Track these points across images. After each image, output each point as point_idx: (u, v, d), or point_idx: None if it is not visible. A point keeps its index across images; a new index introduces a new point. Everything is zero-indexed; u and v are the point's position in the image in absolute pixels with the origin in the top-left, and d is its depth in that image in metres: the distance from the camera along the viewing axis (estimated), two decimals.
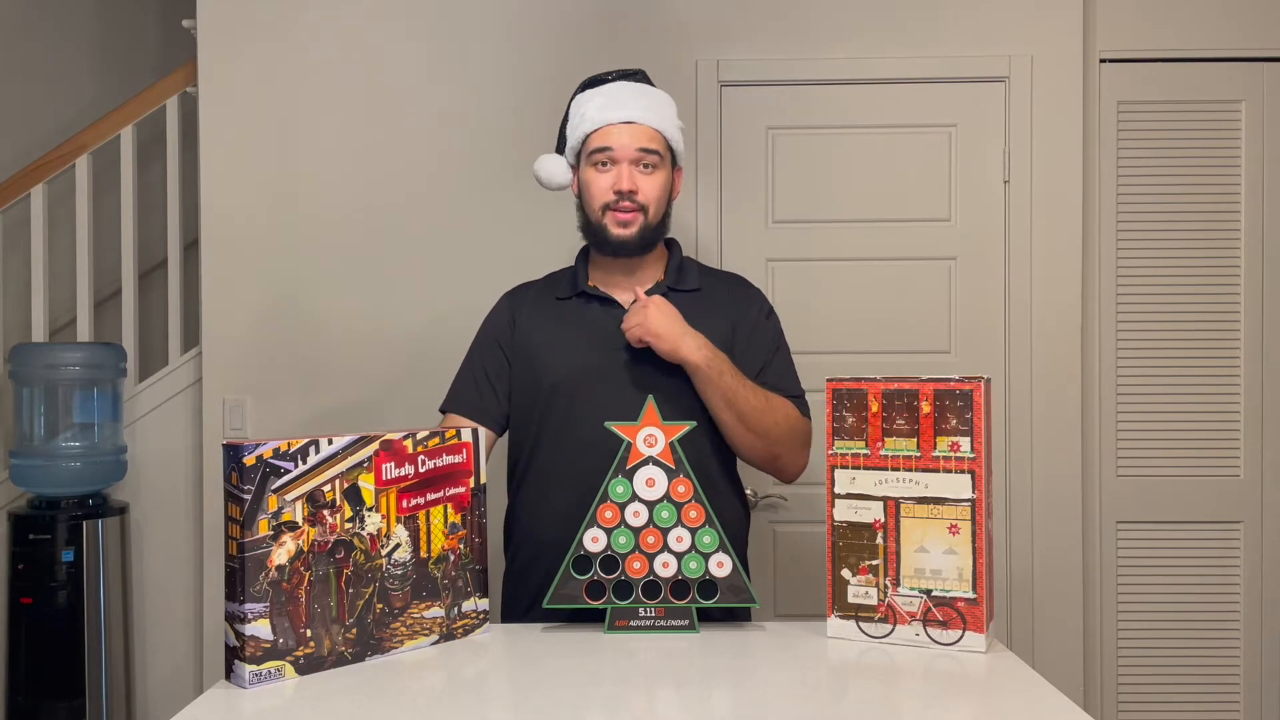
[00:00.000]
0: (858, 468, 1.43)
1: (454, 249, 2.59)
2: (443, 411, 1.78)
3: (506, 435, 1.79)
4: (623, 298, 1.74)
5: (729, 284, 1.84)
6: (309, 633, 1.29)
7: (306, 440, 1.29)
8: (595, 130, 1.69)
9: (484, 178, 2.59)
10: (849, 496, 1.43)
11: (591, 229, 1.73)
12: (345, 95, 2.60)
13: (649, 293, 1.74)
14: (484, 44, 2.60)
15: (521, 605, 1.69)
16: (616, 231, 1.69)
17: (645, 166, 1.69)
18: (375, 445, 1.36)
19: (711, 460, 1.71)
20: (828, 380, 1.46)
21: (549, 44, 2.58)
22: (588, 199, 1.73)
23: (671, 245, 1.82)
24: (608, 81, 1.74)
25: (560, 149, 1.79)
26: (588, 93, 1.74)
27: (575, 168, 1.77)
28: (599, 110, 1.69)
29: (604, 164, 1.69)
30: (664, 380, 1.65)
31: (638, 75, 1.77)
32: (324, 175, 2.60)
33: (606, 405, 1.59)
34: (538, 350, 1.73)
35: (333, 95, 2.60)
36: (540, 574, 1.60)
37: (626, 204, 1.67)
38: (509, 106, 2.58)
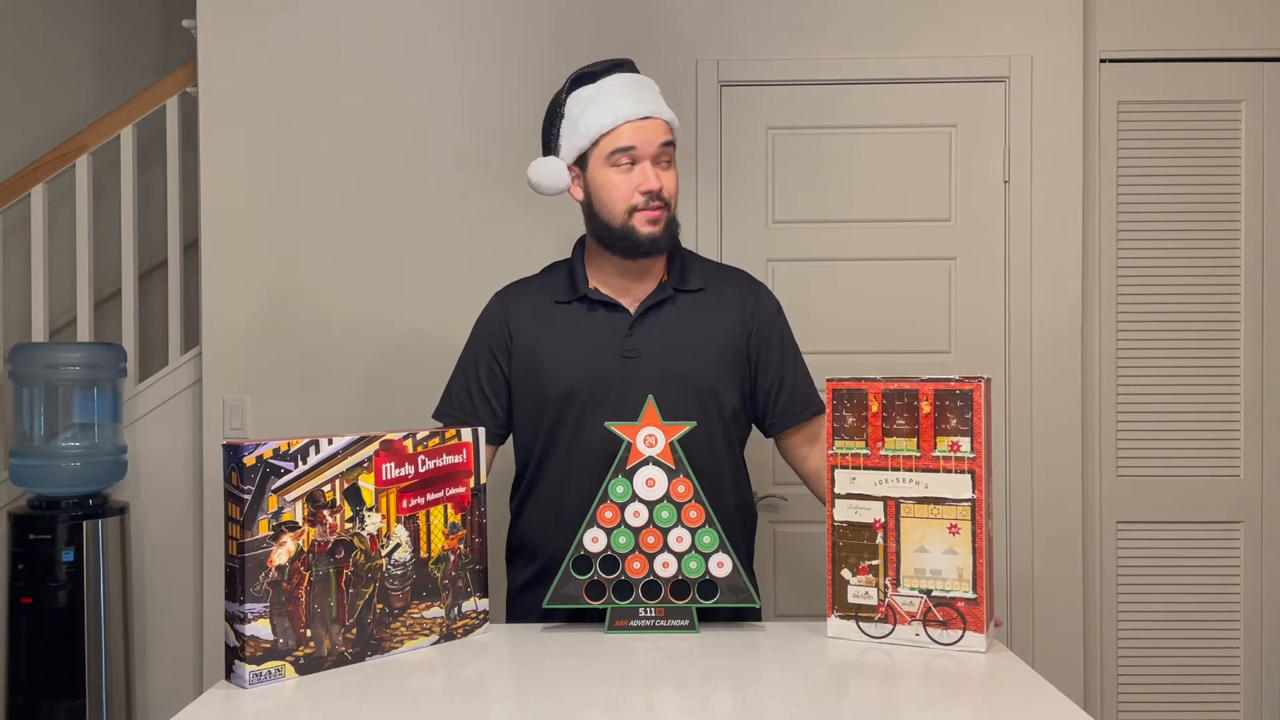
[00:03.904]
0: (858, 468, 1.43)
1: (454, 248, 2.59)
2: (435, 419, 1.74)
3: (504, 447, 1.78)
4: (627, 301, 1.69)
5: (734, 281, 1.78)
6: (309, 633, 1.29)
7: (306, 440, 1.29)
8: (613, 129, 1.61)
9: (484, 177, 2.59)
10: (849, 496, 1.43)
11: (615, 233, 1.63)
12: (345, 95, 2.60)
13: (653, 295, 1.69)
14: (482, 44, 2.60)
15: (535, 615, 1.60)
16: (648, 231, 1.61)
17: (665, 162, 1.63)
18: (375, 445, 1.36)
19: (718, 459, 1.70)
20: (828, 380, 1.46)
21: (548, 44, 2.58)
22: (608, 202, 1.63)
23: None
24: (600, 75, 1.65)
25: (549, 151, 1.70)
26: (586, 90, 1.64)
27: (574, 169, 1.68)
28: (611, 109, 1.60)
29: (626, 164, 1.61)
30: (674, 387, 1.63)
31: (628, 65, 1.68)
32: (324, 175, 2.60)
33: (617, 413, 1.57)
34: (542, 359, 1.68)
35: (332, 95, 2.60)
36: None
37: (657, 203, 1.61)
38: (508, 106, 2.58)
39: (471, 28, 2.60)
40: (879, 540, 1.41)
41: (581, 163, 1.66)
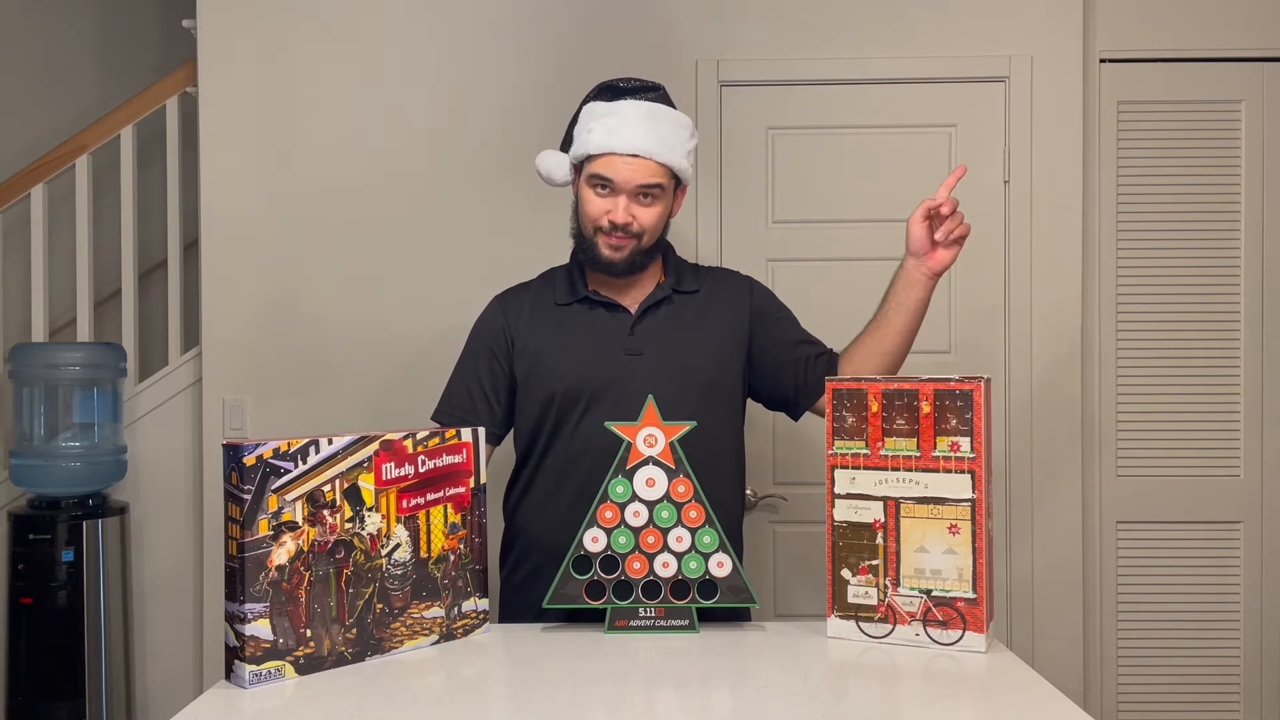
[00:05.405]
0: (858, 468, 1.43)
1: (454, 249, 2.59)
2: (434, 420, 1.76)
3: (502, 445, 1.79)
4: (626, 301, 1.73)
5: (725, 278, 1.84)
6: (309, 633, 1.29)
7: (306, 440, 1.29)
8: (599, 155, 1.64)
9: (484, 177, 2.59)
10: (849, 496, 1.43)
11: (583, 242, 1.71)
12: (345, 95, 2.60)
13: (652, 295, 1.73)
14: (484, 44, 2.60)
15: (531, 612, 1.61)
16: (607, 253, 1.67)
17: (644, 197, 1.65)
18: (375, 445, 1.36)
19: (725, 451, 1.72)
20: (828, 380, 1.46)
21: (549, 44, 2.58)
22: (582, 215, 1.70)
23: (666, 245, 1.79)
24: (623, 95, 1.68)
25: (565, 147, 1.75)
26: (599, 105, 1.68)
27: (576, 170, 1.73)
28: (607, 135, 1.63)
29: (603, 188, 1.66)
30: (677, 382, 1.65)
31: (654, 93, 1.70)
32: (324, 175, 2.60)
33: (621, 410, 1.59)
34: (545, 359, 1.71)
35: (332, 95, 2.60)
36: (550, 580, 1.55)
37: (619, 234, 1.66)
38: (508, 106, 2.58)
39: (471, 28, 2.60)
40: (879, 540, 1.41)
41: (579, 168, 1.72)
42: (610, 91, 1.70)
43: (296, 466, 1.28)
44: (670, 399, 1.56)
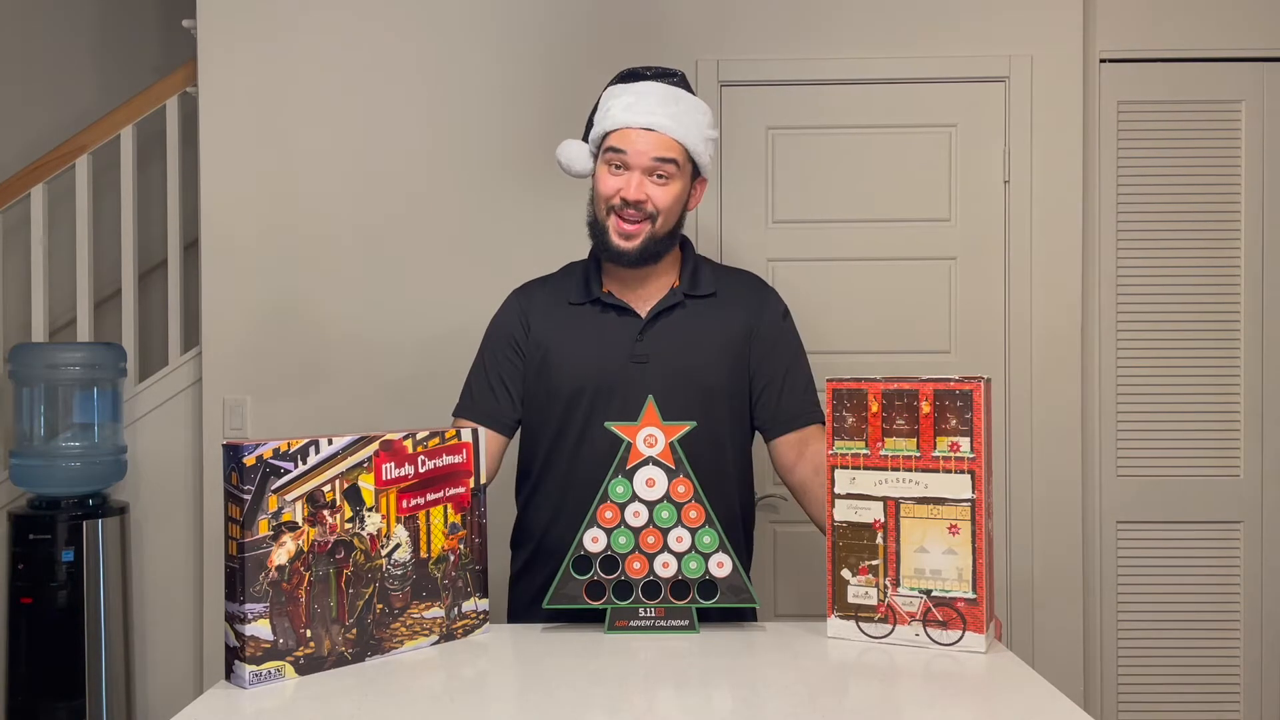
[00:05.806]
0: (858, 468, 1.43)
1: (453, 249, 2.59)
2: (457, 416, 1.76)
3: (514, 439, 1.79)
4: (638, 305, 1.71)
5: (744, 285, 1.81)
6: (309, 633, 1.29)
7: (306, 440, 1.29)
8: (615, 130, 1.64)
9: (484, 178, 2.59)
10: (849, 496, 1.43)
11: (596, 227, 1.69)
12: (345, 95, 2.60)
13: (663, 300, 1.71)
14: (483, 44, 2.60)
15: (536, 610, 1.62)
16: (617, 240, 1.65)
17: (659, 176, 1.63)
18: (375, 445, 1.36)
19: (725, 460, 1.71)
20: (828, 380, 1.46)
21: (549, 44, 2.58)
22: (595, 195, 1.69)
23: (685, 246, 1.79)
24: (642, 79, 1.68)
25: (587, 136, 1.74)
26: (618, 87, 1.68)
27: (596, 158, 1.71)
28: (623, 110, 1.63)
29: (617, 166, 1.64)
30: (681, 390, 1.65)
31: (674, 77, 1.70)
32: (324, 175, 2.60)
33: (624, 415, 1.58)
34: (553, 358, 1.71)
35: (332, 95, 2.60)
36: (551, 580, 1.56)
37: (631, 212, 1.63)
38: (507, 106, 2.58)
39: (472, 28, 2.59)
40: (879, 540, 1.41)
41: (597, 152, 1.71)
42: (632, 75, 1.70)
43: (296, 467, 1.28)
44: (675, 405, 1.56)
